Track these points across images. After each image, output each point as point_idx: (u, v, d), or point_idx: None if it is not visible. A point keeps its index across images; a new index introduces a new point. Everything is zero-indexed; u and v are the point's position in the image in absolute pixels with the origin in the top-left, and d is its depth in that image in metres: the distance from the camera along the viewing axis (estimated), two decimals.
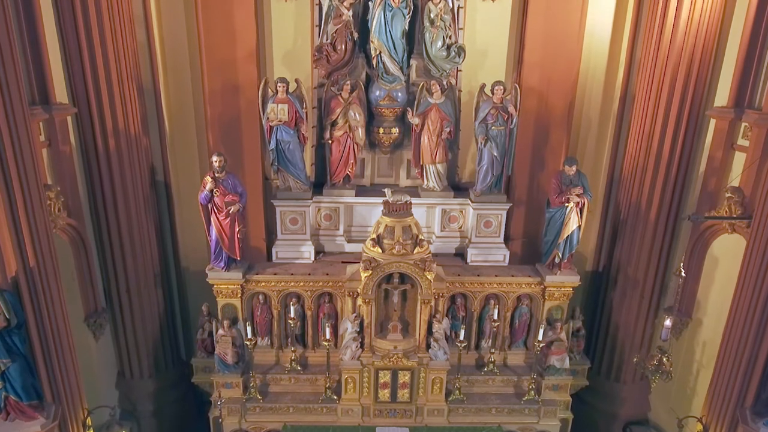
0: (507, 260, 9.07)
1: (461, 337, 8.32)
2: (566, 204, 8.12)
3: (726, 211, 7.76)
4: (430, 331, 8.05)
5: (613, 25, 9.11)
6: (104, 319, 8.72)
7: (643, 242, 8.87)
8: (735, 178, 7.78)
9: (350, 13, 8.46)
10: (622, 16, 9.04)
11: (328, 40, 8.57)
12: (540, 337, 8.32)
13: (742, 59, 7.66)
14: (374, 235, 7.77)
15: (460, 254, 9.23)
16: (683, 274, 7.19)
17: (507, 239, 9.34)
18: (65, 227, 7.71)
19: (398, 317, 8.14)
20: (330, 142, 8.78)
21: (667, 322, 7.46)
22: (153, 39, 8.81)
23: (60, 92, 7.63)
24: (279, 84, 8.30)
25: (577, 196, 8.06)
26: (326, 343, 8.16)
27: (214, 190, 7.82)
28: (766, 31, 7.41)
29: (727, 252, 8.04)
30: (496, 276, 8.60)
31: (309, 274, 8.49)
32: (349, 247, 9.09)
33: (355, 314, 8.10)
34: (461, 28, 8.78)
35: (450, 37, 8.54)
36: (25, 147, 5.91)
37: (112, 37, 7.80)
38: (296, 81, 8.52)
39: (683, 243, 8.74)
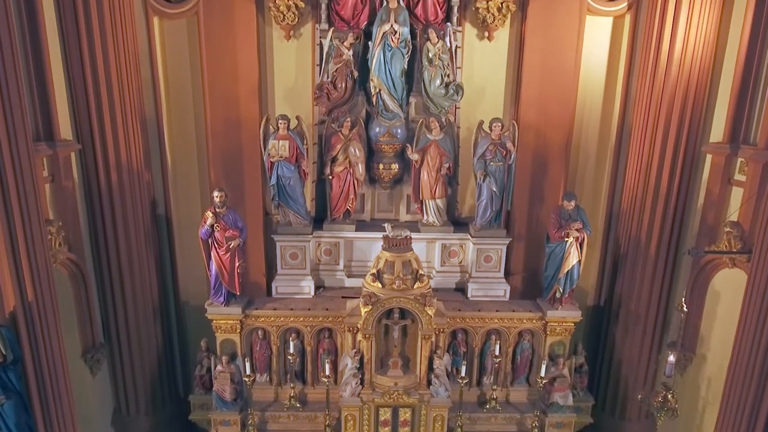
0: (508, 295, 9.03)
1: (463, 374, 8.22)
2: (566, 239, 8.14)
3: (726, 246, 7.77)
4: (431, 368, 7.96)
5: (608, 62, 9.30)
6: (102, 355, 8.63)
7: (644, 276, 8.85)
8: (733, 213, 7.82)
9: (350, 52, 8.66)
10: (617, 52, 9.23)
11: (329, 79, 8.74)
12: (542, 374, 8.22)
13: (736, 95, 7.79)
14: (374, 270, 7.77)
15: (461, 289, 9.20)
16: (685, 309, 7.16)
17: (507, 274, 9.32)
18: (65, 261, 7.71)
19: (399, 353, 8.06)
20: (330, 177, 8.86)
21: (671, 358, 7.38)
22: (157, 75, 8.98)
23: (64, 128, 7.73)
24: (280, 121, 8.42)
25: (577, 231, 8.09)
26: (326, 380, 8.06)
27: (215, 225, 7.85)
28: (758, 68, 7.55)
29: (729, 286, 8.01)
30: (497, 311, 8.55)
31: (309, 309, 8.45)
32: (349, 282, 9.06)
33: (355, 350, 8.02)
34: (459, 67, 8.96)
35: (448, 76, 8.70)
36: (28, 183, 5.96)
37: (118, 75, 7.96)
38: (297, 118, 8.66)
39: (684, 277, 8.72)
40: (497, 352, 8.44)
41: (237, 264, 8.05)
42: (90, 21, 7.62)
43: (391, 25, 8.40)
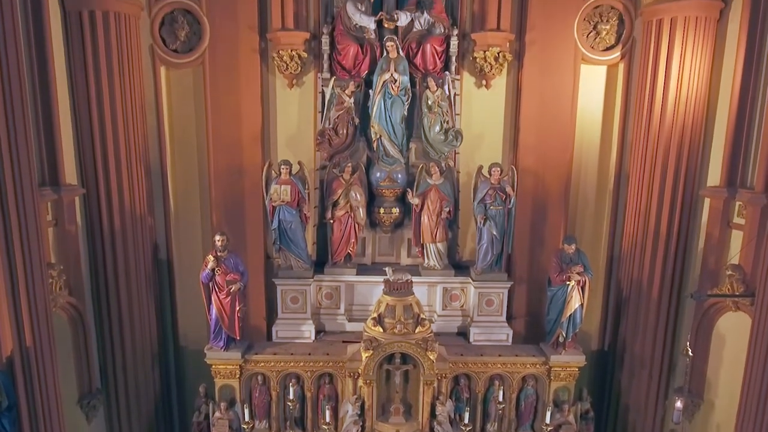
0: (510, 339, 8.94)
1: (466, 420, 8.03)
2: (567, 282, 8.12)
3: (728, 289, 7.73)
4: (433, 414, 7.81)
5: (604, 108, 9.48)
6: (98, 401, 8.48)
7: (648, 320, 8.78)
8: (734, 256, 7.82)
9: (351, 100, 8.89)
10: (612, 99, 9.42)
11: (331, 125, 8.93)
12: (547, 420, 8.04)
13: (731, 140, 7.90)
14: (375, 314, 7.73)
15: (463, 333, 9.11)
16: (690, 354, 7.07)
17: (510, 318, 9.25)
18: (65, 305, 7.70)
19: (400, 399, 7.92)
20: (331, 221, 8.92)
21: (678, 404, 7.25)
22: (163, 122, 9.19)
23: (69, 173, 7.87)
24: (282, 166, 8.56)
25: (578, 274, 8.08)
26: (326, 427, 7.89)
27: (216, 268, 7.87)
28: (751, 112, 7.68)
29: (733, 330, 7.93)
30: (499, 356, 8.45)
31: (309, 354, 8.35)
32: (350, 326, 8.99)
33: (356, 396, 7.89)
34: (458, 114, 9.16)
35: (447, 122, 8.89)
36: (31, 227, 6.03)
37: (124, 121, 8.18)
38: (299, 163, 8.80)
39: (688, 321, 8.65)
40: (501, 398, 8.28)
41: (237, 308, 8.02)
42: (99, 69, 7.90)
43: (392, 74, 8.65)
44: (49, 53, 7.31)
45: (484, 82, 9.30)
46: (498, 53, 8.94)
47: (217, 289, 7.94)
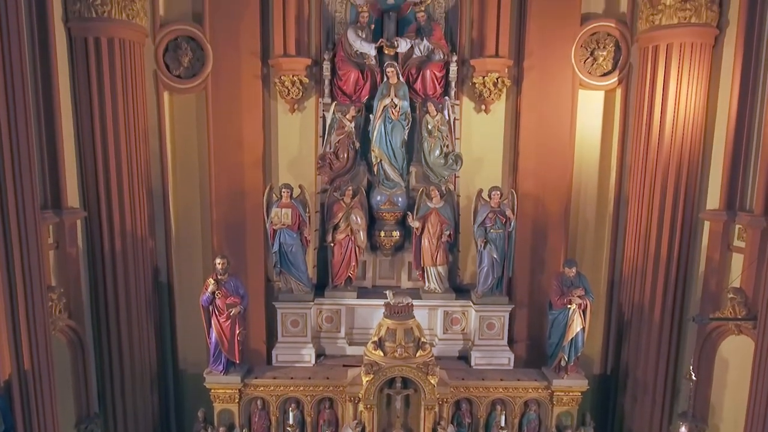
0: (512, 363, 8.87)
1: None
2: (569, 306, 8.10)
3: (730, 312, 7.70)
4: None
5: (602, 132, 9.55)
6: (96, 425, 8.37)
7: (650, 344, 8.73)
8: (735, 279, 7.81)
9: (352, 124, 8.99)
10: (610, 124, 9.50)
11: (331, 149, 9.01)
12: None
13: (729, 163, 7.95)
14: (376, 338, 7.68)
15: (464, 357, 9.05)
16: (694, 378, 7.01)
17: (511, 341, 9.19)
18: (64, 329, 7.66)
19: (401, 424, 7.81)
20: (332, 245, 8.94)
21: (683, 429, 7.20)
22: (165, 146, 9.26)
23: (72, 196, 7.92)
24: (283, 189, 8.62)
25: (579, 297, 8.07)
26: None
27: (216, 292, 7.86)
28: (748, 135, 7.74)
29: (737, 354, 7.87)
30: (501, 380, 8.39)
31: (309, 378, 8.30)
32: (351, 350, 8.94)
33: (356, 421, 7.79)
34: (458, 138, 9.25)
35: (447, 146, 8.97)
36: (32, 251, 6.04)
37: (127, 145, 8.25)
38: (300, 187, 8.85)
39: (690, 345, 8.59)
40: (503, 423, 8.18)
41: (237, 331, 7.99)
42: (103, 94, 8.01)
43: (392, 99, 8.76)
44: (54, 78, 7.43)
45: (483, 106, 9.40)
46: (497, 79, 9.05)
47: (217, 313, 7.92)
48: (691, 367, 7.03)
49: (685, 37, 8.08)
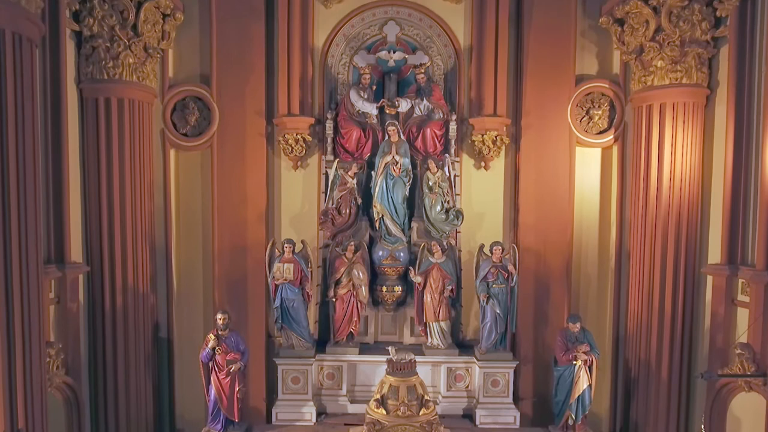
0: (518, 422, 8.65)
1: None
2: (574, 362, 7.98)
3: (739, 368, 7.55)
4: None
5: (601, 188, 9.66)
6: None
7: (659, 402, 8.52)
8: (742, 335, 7.71)
9: (354, 181, 9.13)
10: (608, 180, 9.62)
11: (334, 205, 9.12)
12: None
13: (728, 218, 7.97)
14: (378, 396, 7.52)
15: (468, 415, 8.83)
16: None
17: (516, 399, 9.00)
18: (61, 386, 7.50)
19: None
20: (334, 300, 8.90)
21: None
22: (170, 201, 9.37)
23: (75, 250, 7.95)
24: (286, 245, 8.67)
25: (584, 353, 7.96)
26: None
27: (217, 347, 7.77)
28: (745, 189, 7.78)
29: (748, 412, 7.66)
30: None
31: None
32: (352, 408, 8.73)
33: None
34: (458, 194, 9.38)
35: (448, 202, 9.08)
36: (33, 306, 5.98)
37: (132, 201, 8.36)
38: (302, 242, 8.91)
39: (700, 402, 8.38)
40: None
41: (237, 389, 7.85)
42: (111, 151, 8.19)
43: (393, 157, 8.95)
44: (63, 134, 7.59)
45: (482, 163, 9.58)
46: (495, 137, 9.27)
47: (216, 369, 7.79)
48: (703, 426, 6.83)
49: (677, 97, 8.30)
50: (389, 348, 7.85)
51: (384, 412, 7.34)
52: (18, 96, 5.78)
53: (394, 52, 9.52)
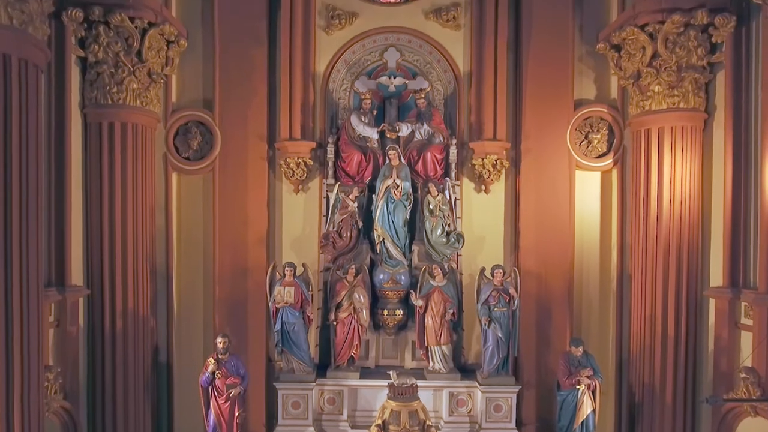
0: None
1: None
2: (577, 386, 7.89)
3: (744, 393, 7.46)
4: None
5: (601, 211, 9.68)
6: None
7: (663, 427, 8.39)
8: (746, 358, 7.64)
9: (355, 204, 9.16)
10: (608, 203, 9.64)
11: (335, 228, 9.14)
12: None
13: (728, 240, 7.97)
14: (379, 421, 7.45)
15: None
16: None
17: (519, 424, 8.87)
18: (59, 410, 7.41)
19: None
20: (335, 323, 8.85)
21: None
22: (171, 224, 9.40)
23: (76, 273, 7.95)
24: (287, 268, 8.66)
25: (588, 377, 7.88)
26: None
27: (216, 372, 7.70)
28: (745, 212, 7.80)
29: None
30: None
31: None
32: None
33: None
34: (459, 217, 9.40)
35: (449, 225, 9.09)
36: (33, 330, 5.98)
37: (133, 225, 8.37)
38: (303, 265, 8.90)
39: (706, 427, 8.27)
40: None
41: (236, 413, 7.78)
42: (113, 175, 8.23)
43: (394, 180, 8.99)
44: (66, 158, 7.67)
45: (483, 187, 9.62)
46: (495, 160, 9.33)
47: (216, 394, 7.72)
48: None
49: (675, 121, 8.37)
50: (390, 372, 7.79)
51: None
52: (23, 120, 5.86)
53: (394, 78, 9.64)
